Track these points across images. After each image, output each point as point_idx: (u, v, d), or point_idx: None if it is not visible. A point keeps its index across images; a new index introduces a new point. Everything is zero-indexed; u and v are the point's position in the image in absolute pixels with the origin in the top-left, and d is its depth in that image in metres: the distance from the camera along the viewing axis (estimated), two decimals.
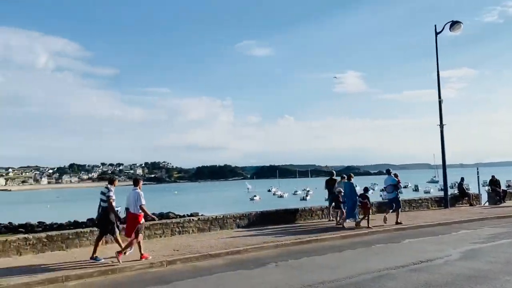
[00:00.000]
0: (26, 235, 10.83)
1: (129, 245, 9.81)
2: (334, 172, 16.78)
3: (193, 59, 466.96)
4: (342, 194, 14.36)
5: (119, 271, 9.04)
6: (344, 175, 15.42)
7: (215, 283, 8.12)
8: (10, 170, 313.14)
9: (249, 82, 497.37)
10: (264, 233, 13.23)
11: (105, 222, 9.85)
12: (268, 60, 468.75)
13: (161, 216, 50.23)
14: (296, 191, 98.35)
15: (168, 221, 13.35)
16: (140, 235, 9.89)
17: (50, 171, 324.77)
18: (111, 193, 9.84)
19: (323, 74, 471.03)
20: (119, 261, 9.34)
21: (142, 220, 9.96)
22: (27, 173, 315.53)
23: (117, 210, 10.09)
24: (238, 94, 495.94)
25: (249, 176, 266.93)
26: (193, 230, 13.22)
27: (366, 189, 15.40)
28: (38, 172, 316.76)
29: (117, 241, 9.95)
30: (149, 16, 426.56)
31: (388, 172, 15.58)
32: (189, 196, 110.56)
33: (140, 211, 9.82)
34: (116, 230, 9.98)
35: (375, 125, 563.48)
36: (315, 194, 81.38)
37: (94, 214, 10.76)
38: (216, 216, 14.17)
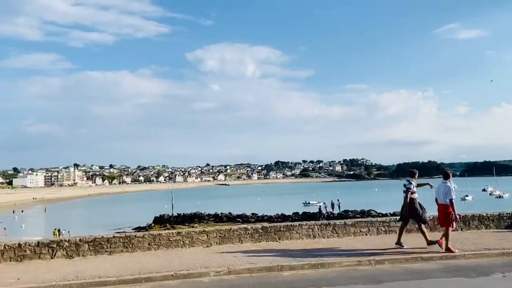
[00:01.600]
0: (245, 225, 12.12)
1: (444, 236, 10.13)
2: None
3: (389, 52, 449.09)
4: None
5: (328, 265, 9.25)
6: None
7: None
8: (228, 167, 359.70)
9: (453, 70, 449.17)
10: (482, 237, 11.66)
11: (411, 211, 10.58)
12: (477, 42, 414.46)
13: (362, 213, 50.05)
14: None
15: (373, 219, 13.03)
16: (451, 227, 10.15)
17: (259, 168, 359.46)
18: (411, 186, 10.55)
19: None
20: (441, 247, 10.01)
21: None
22: (241, 170, 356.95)
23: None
24: (441, 84, 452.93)
25: (458, 173, 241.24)
26: None
27: None
28: (249, 169, 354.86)
29: (421, 231, 10.52)
30: (343, 15, 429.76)
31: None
32: (390, 194, 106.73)
33: (450, 203, 10.08)
34: (425, 219, 10.62)
35: None
36: None
37: (296, 209, 11.29)
38: None
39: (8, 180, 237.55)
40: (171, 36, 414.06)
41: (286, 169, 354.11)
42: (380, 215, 45.09)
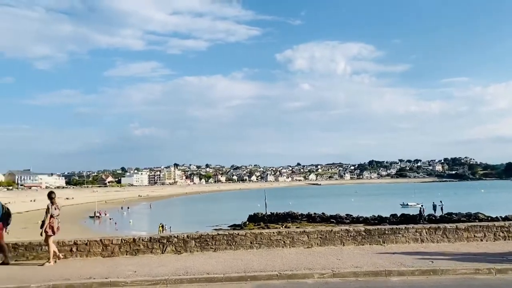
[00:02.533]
0: (347, 227, 11.75)
1: None
2: None
3: (496, 40, 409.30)
4: None
5: (441, 272, 8.56)
6: None
7: None
8: (319, 167, 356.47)
9: None
10: None
11: None
12: None
13: (469, 216, 46.11)
14: None
15: (490, 223, 11.84)
16: None
17: (352, 167, 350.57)
18: None
19: None
20: None
21: None
22: (333, 169, 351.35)
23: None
24: None
25: None
26: None
27: None
28: (341, 169, 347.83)
29: None
30: (440, 7, 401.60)
31: None
32: (499, 195, 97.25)
33: None
34: None
35: None
36: None
37: (393, 211, 10.65)
38: None
39: (117, 179, 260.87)
40: (261, 38, 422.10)
41: (381, 168, 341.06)
42: (489, 218, 41.20)
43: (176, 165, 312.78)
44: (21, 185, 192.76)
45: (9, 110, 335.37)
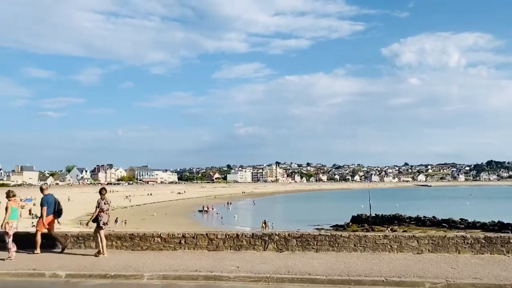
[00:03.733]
0: (463, 233, 10.68)
1: None
2: None
3: None
4: None
5: None
6: None
7: None
8: (429, 167, 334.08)
9: None
10: None
11: None
12: None
13: None
14: None
15: None
16: None
17: (467, 168, 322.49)
18: None
19: None
20: None
21: None
22: (445, 170, 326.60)
23: None
24: None
25: None
26: None
27: None
28: (455, 169, 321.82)
29: None
30: None
31: None
32: None
33: None
34: None
35: None
36: None
37: None
38: None
39: (223, 176, 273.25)
40: (365, 33, 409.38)
41: (502, 170, 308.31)
42: None
43: (277, 163, 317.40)
44: (140, 180, 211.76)
45: (130, 112, 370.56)
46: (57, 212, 10.97)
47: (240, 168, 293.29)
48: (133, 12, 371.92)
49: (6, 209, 10.18)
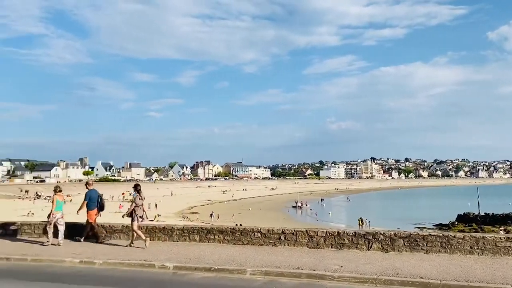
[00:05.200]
0: None
1: None
2: None
3: None
4: None
5: None
6: None
7: None
8: None
9: None
10: None
11: None
12: None
13: None
14: None
15: None
16: None
17: None
18: None
19: None
20: None
21: None
22: None
23: None
24: None
25: None
26: None
27: None
28: None
29: None
30: None
31: None
32: None
33: None
34: None
35: None
36: None
37: None
38: None
39: (315, 172, 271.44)
40: (469, 16, 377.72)
41: None
42: None
43: (373, 158, 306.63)
44: (235, 175, 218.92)
45: (225, 110, 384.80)
46: (100, 206, 12.10)
47: (333, 164, 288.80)
48: (226, 13, 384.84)
49: (52, 201, 11.62)
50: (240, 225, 13.51)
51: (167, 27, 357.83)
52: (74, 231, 12.07)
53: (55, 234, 11.43)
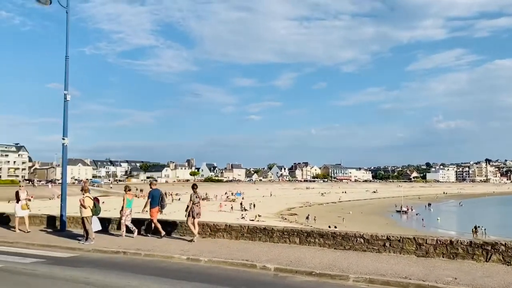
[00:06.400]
0: None
1: None
2: None
3: None
4: None
5: None
6: None
7: None
8: None
9: None
10: None
11: None
12: None
13: None
14: None
15: None
16: None
17: None
18: None
19: None
20: None
21: None
22: None
23: None
24: None
25: None
26: None
27: None
28: None
29: None
30: None
31: None
32: None
33: None
34: None
35: None
36: None
37: None
38: None
39: (421, 174, 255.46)
40: None
41: None
42: None
43: (487, 160, 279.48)
44: (334, 177, 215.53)
45: (322, 111, 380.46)
46: (161, 205, 13.18)
47: (441, 167, 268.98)
48: (324, 13, 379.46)
49: (123, 200, 13.00)
50: (335, 227, 13.10)
51: (266, 32, 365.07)
52: (149, 227, 13.44)
53: (128, 229, 13.01)
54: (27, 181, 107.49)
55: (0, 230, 15.20)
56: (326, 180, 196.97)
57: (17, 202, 14.42)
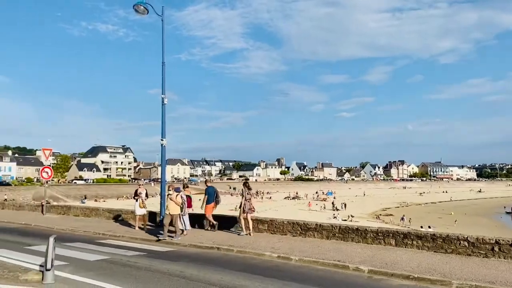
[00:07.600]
0: None
1: None
2: None
3: None
4: None
5: None
6: None
7: None
8: None
9: None
10: None
11: None
12: None
13: None
14: None
15: None
16: None
17: None
18: None
19: None
20: None
21: None
22: None
23: None
24: None
25: None
26: None
27: None
28: None
29: None
30: None
31: None
32: None
33: None
34: None
35: None
36: None
37: None
38: None
39: None
40: None
41: None
42: None
43: None
44: (433, 176, 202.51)
45: (419, 106, 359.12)
46: (216, 201, 14.09)
47: None
48: (417, 3, 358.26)
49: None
50: (429, 227, 12.15)
51: (355, 26, 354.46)
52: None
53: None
54: (133, 180, 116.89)
55: (111, 225, 16.69)
56: (424, 179, 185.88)
57: (136, 199, 15.72)
